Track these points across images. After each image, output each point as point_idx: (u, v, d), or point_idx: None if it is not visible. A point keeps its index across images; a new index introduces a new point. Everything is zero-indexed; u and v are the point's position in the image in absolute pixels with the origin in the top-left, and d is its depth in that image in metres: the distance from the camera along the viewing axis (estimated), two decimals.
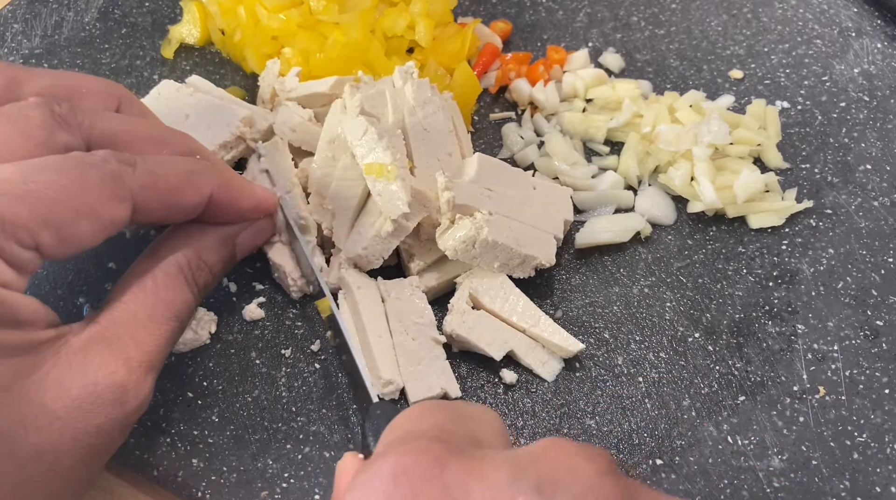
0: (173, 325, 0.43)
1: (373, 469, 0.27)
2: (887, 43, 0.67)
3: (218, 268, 0.47)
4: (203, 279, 0.45)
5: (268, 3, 0.63)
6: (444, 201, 0.50)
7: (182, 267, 0.44)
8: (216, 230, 0.47)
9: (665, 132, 0.59)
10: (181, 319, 0.43)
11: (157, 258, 0.44)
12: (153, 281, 0.43)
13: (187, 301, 0.44)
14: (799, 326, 0.53)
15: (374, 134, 0.50)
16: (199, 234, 0.46)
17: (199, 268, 0.45)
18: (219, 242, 0.47)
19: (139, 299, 0.42)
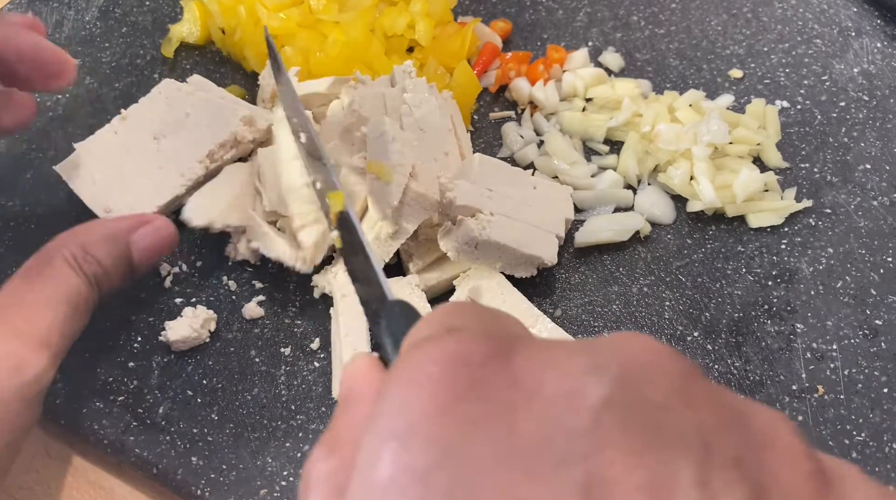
0: (64, 308, 0.44)
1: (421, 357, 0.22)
2: (887, 42, 0.67)
3: (109, 262, 0.47)
4: (91, 269, 0.46)
5: (268, 2, 0.63)
6: (446, 202, 0.50)
7: (66, 257, 0.46)
8: (103, 224, 0.49)
9: (664, 131, 0.59)
10: (73, 303, 0.45)
11: (42, 253, 0.46)
12: (38, 270, 0.45)
13: (77, 287, 0.45)
14: (798, 325, 0.53)
15: (389, 136, 0.50)
16: (83, 230, 0.48)
17: (86, 260, 0.46)
18: (105, 236, 0.48)
19: (26, 284, 0.44)
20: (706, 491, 0.20)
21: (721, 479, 0.20)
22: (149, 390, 0.50)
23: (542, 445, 0.20)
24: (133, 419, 0.49)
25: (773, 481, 0.21)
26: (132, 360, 0.51)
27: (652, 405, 0.21)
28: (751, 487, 0.20)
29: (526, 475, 0.20)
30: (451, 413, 0.21)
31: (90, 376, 0.50)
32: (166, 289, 0.54)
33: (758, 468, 0.21)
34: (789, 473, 0.22)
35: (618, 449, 0.20)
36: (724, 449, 0.21)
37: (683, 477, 0.20)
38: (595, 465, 0.20)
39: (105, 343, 0.52)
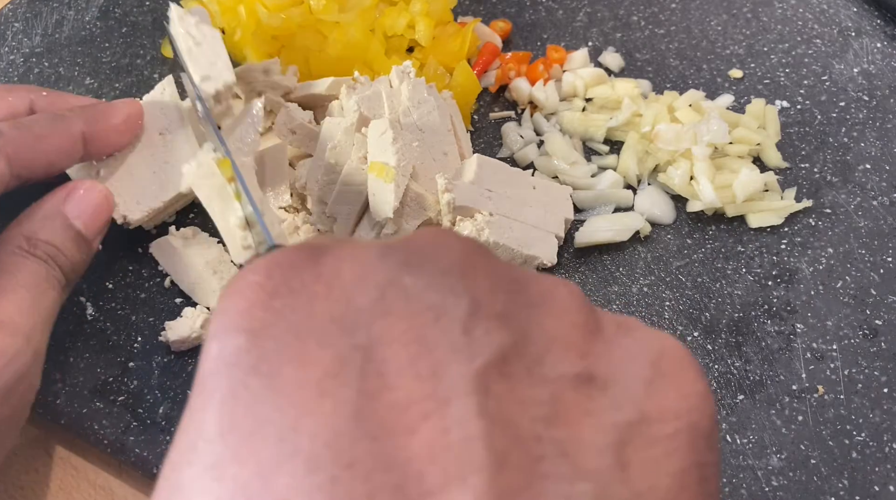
0: (23, 291, 0.45)
1: (246, 268, 0.26)
2: (887, 42, 0.67)
3: (57, 239, 0.48)
4: (42, 250, 0.47)
5: (268, 2, 0.63)
6: (445, 203, 0.50)
7: (14, 251, 0.46)
8: (35, 208, 0.49)
9: (664, 131, 0.59)
10: (34, 285, 0.45)
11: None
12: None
13: (32, 269, 0.46)
14: (798, 325, 0.53)
15: (390, 136, 0.50)
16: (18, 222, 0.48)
17: (33, 245, 0.47)
18: (43, 216, 0.48)
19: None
20: (466, 337, 0.23)
21: (483, 327, 0.23)
22: (149, 390, 0.50)
23: (334, 320, 0.24)
24: (133, 419, 0.49)
25: (537, 329, 0.24)
26: (132, 360, 0.51)
27: (431, 277, 0.24)
28: (512, 333, 0.24)
29: (318, 344, 0.23)
30: (260, 307, 0.24)
31: (90, 376, 0.50)
32: (166, 289, 0.54)
33: (524, 320, 0.24)
34: (556, 323, 0.25)
35: (396, 314, 0.23)
36: (491, 305, 0.24)
37: (449, 328, 0.23)
38: (375, 329, 0.23)
39: (105, 343, 0.52)
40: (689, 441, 0.24)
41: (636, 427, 0.23)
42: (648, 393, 0.24)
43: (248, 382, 0.23)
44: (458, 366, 0.22)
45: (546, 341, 0.24)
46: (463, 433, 0.21)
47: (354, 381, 0.22)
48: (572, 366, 0.24)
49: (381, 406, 0.22)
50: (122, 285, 0.54)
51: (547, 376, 0.24)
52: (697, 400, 0.25)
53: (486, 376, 0.22)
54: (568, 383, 0.24)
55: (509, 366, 0.23)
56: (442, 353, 0.23)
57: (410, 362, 0.23)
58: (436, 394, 0.22)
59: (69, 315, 0.53)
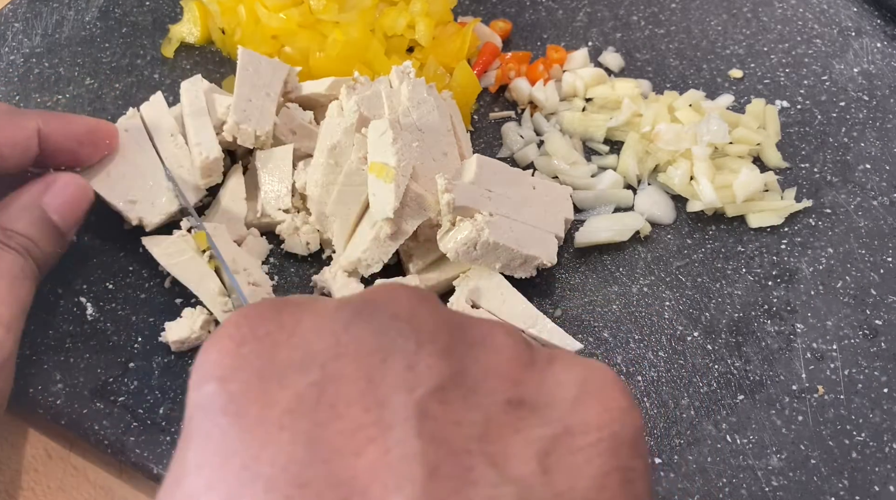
0: (4, 282, 0.46)
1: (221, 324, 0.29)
2: (887, 42, 0.67)
3: (33, 231, 0.49)
4: (18, 242, 0.48)
5: (268, 2, 0.63)
6: (445, 204, 0.50)
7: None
8: (12, 199, 0.50)
9: (664, 131, 0.59)
10: (10, 275, 0.47)
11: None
12: None
13: (10, 260, 0.47)
14: (798, 325, 0.53)
15: (390, 136, 0.50)
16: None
17: (8, 236, 0.48)
18: (19, 209, 0.49)
19: None
20: (411, 373, 0.26)
21: (425, 363, 0.27)
22: (149, 391, 0.50)
23: (293, 364, 0.27)
24: (133, 419, 0.49)
25: (474, 364, 0.28)
26: (132, 360, 0.51)
27: (381, 323, 0.28)
28: (451, 366, 0.27)
29: (278, 385, 0.26)
30: (229, 356, 0.28)
31: (90, 377, 0.50)
32: (166, 289, 0.54)
33: (463, 356, 0.28)
34: (492, 358, 0.28)
35: (348, 356, 0.27)
36: (433, 344, 0.27)
37: (394, 366, 0.26)
38: (329, 368, 0.26)
39: (105, 343, 0.52)
40: (610, 448, 0.26)
41: (560, 439, 0.26)
42: (573, 410, 0.27)
43: (218, 421, 0.26)
44: (400, 396, 0.26)
45: (482, 374, 0.27)
46: (401, 452, 0.24)
47: (309, 413, 0.25)
48: (504, 393, 0.27)
49: (332, 433, 0.25)
50: (122, 285, 0.54)
51: (481, 401, 0.27)
52: (619, 413, 0.27)
53: (426, 403, 0.26)
54: (500, 407, 0.27)
55: (447, 394, 0.26)
56: (387, 387, 0.26)
57: (360, 395, 0.26)
58: (380, 421, 0.25)
59: (69, 315, 0.53)
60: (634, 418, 0.28)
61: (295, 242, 0.55)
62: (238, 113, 0.55)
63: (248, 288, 0.51)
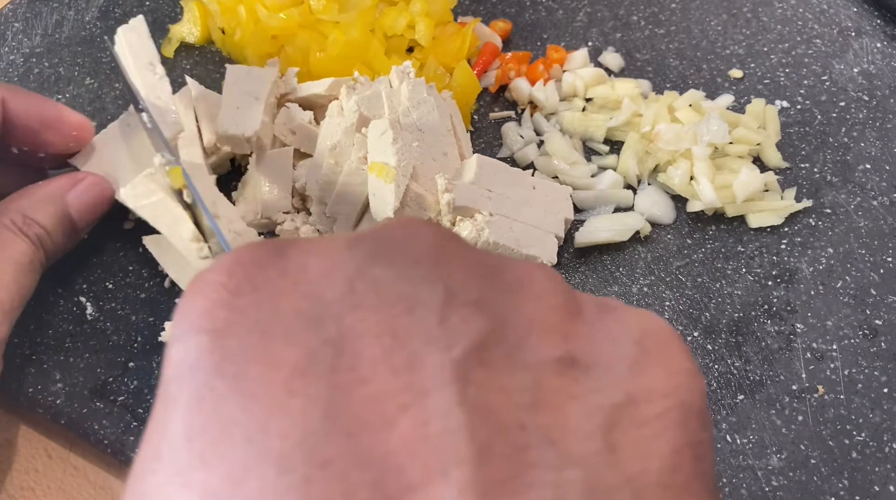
0: (9, 268, 0.46)
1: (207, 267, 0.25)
2: (887, 42, 0.67)
3: (49, 223, 0.49)
4: (33, 231, 0.48)
5: (268, 2, 0.63)
6: (445, 204, 0.50)
7: (7, 224, 0.48)
8: (39, 188, 0.51)
9: (664, 131, 0.59)
10: (18, 263, 0.47)
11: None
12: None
13: (21, 249, 0.48)
14: (798, 325, 0.53)
15: (390, 136, 0.50)
16: (18, 196, 0.50)
17: (27, 223, 0.48)
18: (43, 198, 0.50)
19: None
20: (442, 326, 0.22)
21: (459, 315, 0.22)
22: (149, 391, 0.50)
23: (301, 316, 0.23)
24: (133, 419, 0.49)
25: (515, 314, 0.23)
26: (132, 360, 0.51)
27: (403, 267, 0.23)
28: (489, 320, 0.23)
29: (284, 341, 0.22)
30: (222, 306, 0.23)
31: (90, 376, 0.50)
32: (166, 289, 0.54)
33: (500, 305, 0.23)
34: (535, 307, 0.24)
35: (367, 307, 0.22)
36: (466, 293, 0.23)
37: (423, 319, 0.22)
38: (345, 322, 0.22)
39: (105, 343, 0.52)
40: (680, 420, 0.23)
41: (623, 409, 0.23)
42: (634, 373, 0.24)
43: (212, 384, 0.22)
44: (435, 356, 0.22)
45: (525, 326, 0.23)
46: (443, 425, 0.20)
47: (325, 377, 0.21)
48: (553, 350, 0.23)
49: (355, 401, 0.21)
50: (122, 285, 0.54)
51: (528, 361, 0.23)
52: (685, 378, 0.24)
53: (465, 364, 0.22)
54: (550, 368, 0.23)
55: (488, 353, 0.22)
56: (417, 344, 0.22)
57: (385, 354, 0.22)
58: (413, 386, 0.21)
59: (69, 315, 0.53)
60: (700, 383, 0.24)
61: None
62: (226, 122, 0.55)
63: (229, 235, 0.49)
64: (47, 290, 0.53)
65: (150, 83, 0.55)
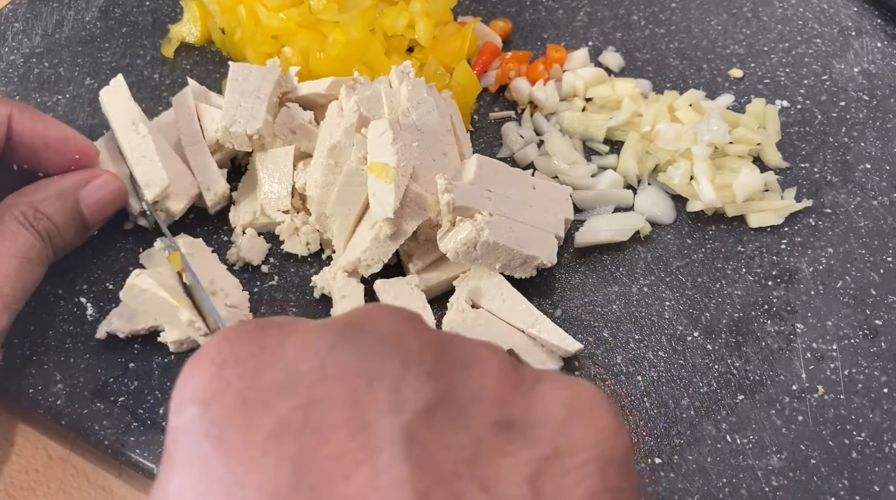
0: (15, 261, 0.47)
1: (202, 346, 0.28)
2: (887, 42, 0.67)
3: (59, 218, 0.49)
4: (42, 225, 0.48)
5: (268, 2, 0.63)
6: (445, 204, 0.50)
7: (16, 216, 0.48)
8: (52, 182, 0.51)
9: (664, 131, 0.59)
10: (25, 257, 0.47)
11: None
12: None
13: (29, 242, 0.48)
14: (798, 325, 0.53)
15: (390, 136, 0.50)
16: (32, 189, 0.50)
17: (37, 218, 0.48)
18: (55, 194, 0.50)
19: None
20: (398, 395, 0.26)
21: (412, 385, 0.26)
22: (149, 391, 0.50)
23: (277, 386, 0.27)
24: (133, 420, 0.49)
25: (461, 386, 0.27)
26: (132, 360, 0.51)
27: (366, 345, 0.27)
28: (438, 388, 0.27)
29: (262, 408, 0.26)
30: (211, 379, 0.27)
31: (90, 377, 0.50)
32: None
33: (450, 378, 0.27)
34: (479, 380, 0.28)
35: (333, 379, 0.26)
36: (420, 366, 0.27)
37: (381, 389, 0.26)
38: (314, 391, 0.26)
39: (105, 344, 0.52)
40: (600, 469, 0.26)
41: (550, 461, 0.26)
42: (562, 431, 0.27)
43: (201, 445, 0.26)
44: (387, 419, 0.25)
45: (470, 395, 0.27)
46: (391, 477, 0.24)
47: (294, 438, 0.25)
48: (492, 414, 0.27)
49: (318, 458, 0.25)
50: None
51: (469, 424, 0.26)
52: (608, 433, 0.27)
53: (413, 426, 0.25)
54: (488, 429, 0.26)
55: (435, 416, 0.26)
56: (374, 410, 0.26)
57: (346, 419, 0.25)
58: (368, 445, 0.25)
59: (69, 315, 0.53)
60: (623, 437, 0.28)
61: (295, 242, 0.55)
62: (228, 118, 0.55)
63: (224, 310, 0.50)
64: (48, 291, 0.53)
65: (134, 144, 0.54)
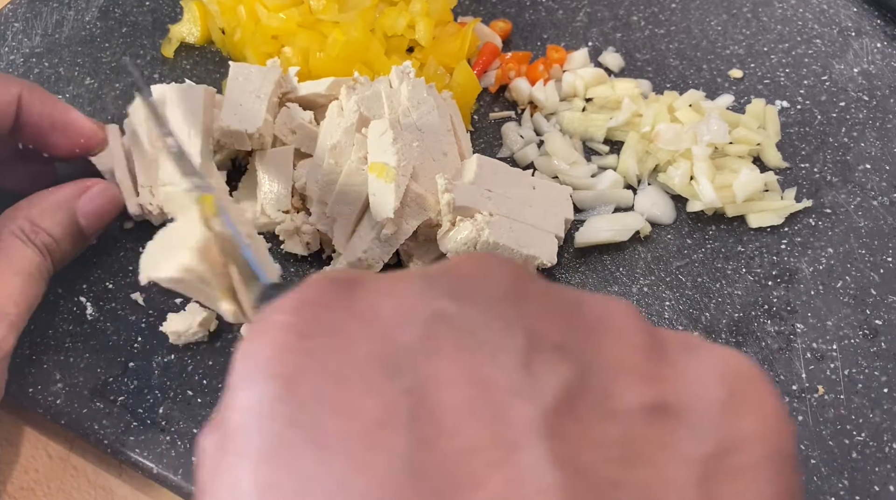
0: (17, 279, 0.46)
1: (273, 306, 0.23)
2: (887, 43, 0.67)
3: (57, 231, 0.49)
4: (41, 239, 0.48)
5: (268, 2, 0.63)
6: (445, 204, 0.50)
7: (14, 232, 0.47)
8: (47, 195, 0.50)
9: (664, 131, 0.59)
10: (26, 273, 0.47)
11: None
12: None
13: (29, 258, 0.47)
14: (798, 325, 0.53)
15: (390, 136, 0.50)
16: (27, 203, 0.49)
17: (34, 232, 0.48)
18: (51, 205, 0.49)
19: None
20: (528, 374, 0.21)
21: (543, 361, 0.21)
22: (149, 390, 0.50)
23: (377, 362, 0.21)
24: (133, 419, 0.49)
25: (598, 357, 0.22)
26: (132, 360, 0.51)
27: (480, 309, 0.22)
28: (574, 366, 0.22)
29: (361, 389, 0.21)
30: (291, 350, 0.22)
31: (90, 377, 0.50)
32: (166, 289, 0.54)
33: (583, 348, 0.22)
34: (617, 349, 0.23)
35: (446, 353, 0.21)
36: (548, 335, 0.22)
37: (506, 365, 0.21)
38: (424, 370, 0.21)
39: (105, 343, 0.52)
40: (775, 468, 0.22)
41: (718, 459, 0.22)
42: (725, 419, 0.22)
43: (286, 435, 0.20)
44: (522, 407, 0.20)
45: (610, 370, 0.22)
46: (538, 485, 0.19)
47: (406, 429, 0.20)
48: (642, 396, 0.22)
49: (440, 456, 0.20)
50: (122, 285, 0.54)
51: (616, 410, 0.22)
52: (777, 422, 0.23)
53: (554, 417, 0.20)
54: (640, 417, 0.22)
55: (576, 403, 0.21)
56: (502, 393, 0.21)
57: (468, 405, 0.20)
58: (501, 440, 0.20)
59: (69, 315, 0.53)
60: (790, 426, 0.23)
61: (295, 242, 0.55)
62: (228, 117, 0.55)
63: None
64: (47, 290, 0.53)
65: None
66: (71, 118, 0.52)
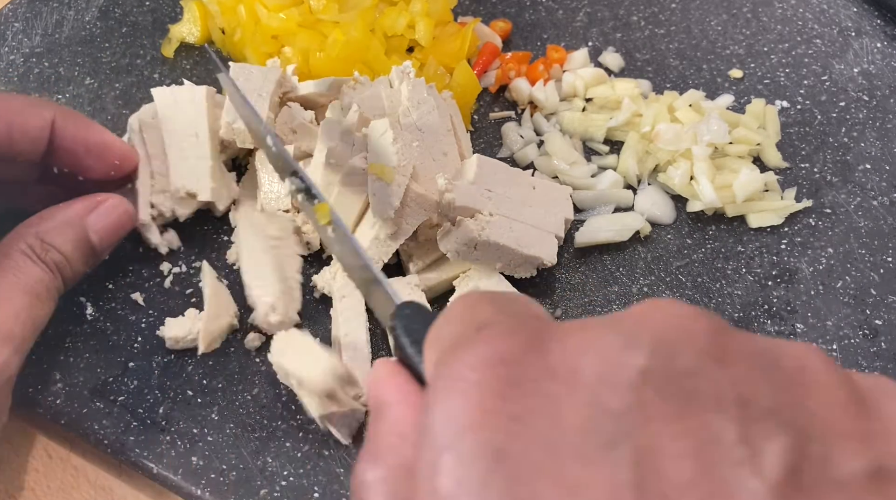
0: (25, 299, 0.45)
1: (458, 364, 0.22)
2: (887, 42, 0.67)
3: (67, 248, 0.48)
4: (50, 257, 0.47)
5: (268, 2, 0.63)
6: (445, 204, 0.50)
7: (23, 250, 0.46)
8: (58, 211, 0.49)
9: (664, 131, 0.59)
10: (34, 292, 0.45)
11: (2, 248, 0.46)
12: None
13: (37, 276, 0.46)
14: (798, 325, 0.53)
15: (390, 136, 0.50)
16: (37, 220, 0.48)
17: (44, 249, 0.47)
18: (62, 223, 0.48)
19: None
20: (749, 447, 0.20)
21: (761, 431, 0.21)
22: (149, 390, 0.50)
23: (588, 429, 0.21)
24: (133, 419, 0.49)
25: (810, 418, 0.21)
26: (132, 360, 0.51)
27: (686, 370, 0.22)
28: (790, 431, 0.21)
29: (578, 461, 0.20)
30: (496, 415, 0.21)
31: (90, 376, 0.50)
32: (166, 289, 0.54)
33: (793, 411, 0.21)
34: (825, 406, 0.22)
35: (660, 421, 0.21)
36: (759, 399, 0.21)
37: (725, 437, 0.20)
38: (641, 440, 0.20)
39: (105, 343, 0.52)
40: None
41: None
42: None
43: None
44: (748, 482, 0.20)
45: (824, 433, 0.21)
46: None
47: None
48: (860, 460, 0.21)
49: None
50: (122, 285, 0.54)
51: (839, 479, 0.21)
52: None
53: (781, 491, 0.20)
54: (863, 485, 0.21)
55: (800, 475, 0.20)
56: (724, 466, 0.20)
57: (693, 478, 0.20)
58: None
59: (69, 315, 0.53)
60: None
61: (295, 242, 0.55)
62: (230, 114, 0.55)
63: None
64: None
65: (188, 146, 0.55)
66: (106, 141, 0.51)
